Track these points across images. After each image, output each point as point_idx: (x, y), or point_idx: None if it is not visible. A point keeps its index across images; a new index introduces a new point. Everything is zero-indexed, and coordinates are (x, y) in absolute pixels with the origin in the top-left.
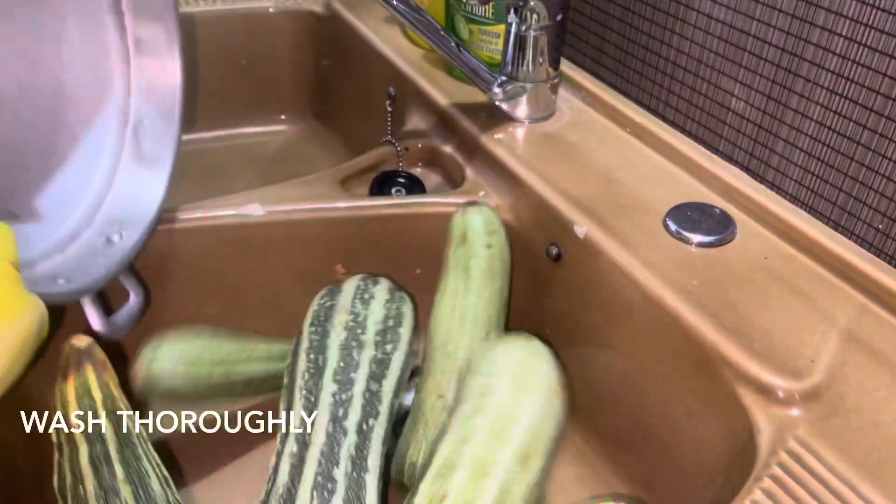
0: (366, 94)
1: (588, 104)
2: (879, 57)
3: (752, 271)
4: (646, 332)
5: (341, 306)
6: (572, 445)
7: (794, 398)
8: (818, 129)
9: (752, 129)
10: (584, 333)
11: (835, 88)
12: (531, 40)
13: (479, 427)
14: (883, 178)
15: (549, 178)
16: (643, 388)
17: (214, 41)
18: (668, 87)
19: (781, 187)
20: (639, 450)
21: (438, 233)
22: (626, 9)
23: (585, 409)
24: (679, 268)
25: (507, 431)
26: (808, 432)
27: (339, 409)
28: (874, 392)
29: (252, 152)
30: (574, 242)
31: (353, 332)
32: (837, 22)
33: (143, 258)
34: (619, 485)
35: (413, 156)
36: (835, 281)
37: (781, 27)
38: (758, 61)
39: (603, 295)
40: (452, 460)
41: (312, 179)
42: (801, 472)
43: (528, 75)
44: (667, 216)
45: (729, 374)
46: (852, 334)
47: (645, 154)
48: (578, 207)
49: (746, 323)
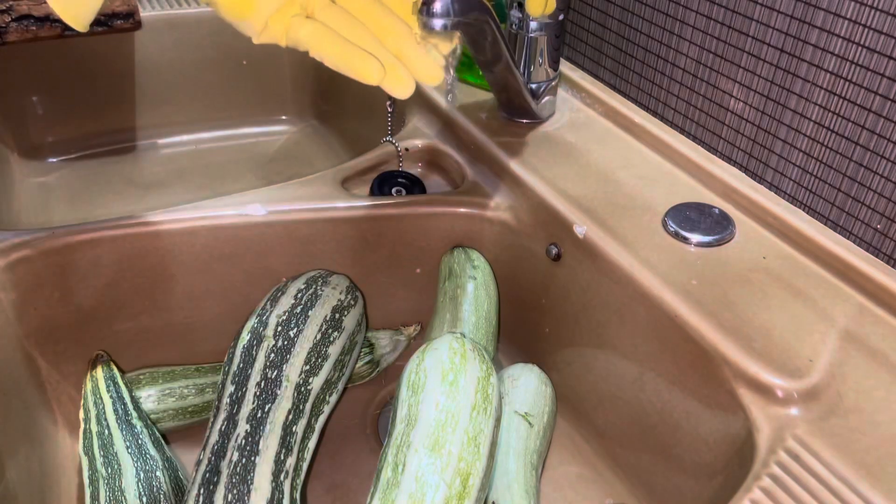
0: (366, 94)
1: (587, 104)
2: (877, 57)
3: (751, 271)
4: (645, 331)
5: (254, 314)
6: (572, 445)
7: (793, 397)
8: (816, 129)
9: (750, 130)
10: (583, 333)
11: (833, 89)
12: (527, 40)
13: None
14: (881, 178)
15: (549, 178)
16: (642, 388)
17: (215, 41)
18: (667, 87)
19: (780, 187)
20: (638, 449)
21: (438, 233)
22: (625, 9)
23: (585, 408)
24: (678, 267)
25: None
26: (807, 431)
27: (234, 406)
28: (873, 391)
29: (253, 152)
30: (574, 242)
31: (256, 333)
32: (836, 23)
33: (143, 258)
34: (618, 484)
35: (413, 156)
36: (833, 280)
37: (780, 28)
38: (756, 62)
39: (602, 295)
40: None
41: (313, 179)
42: (800, 471)
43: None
44: (666, 216)
45: (728, 373)
46: (851, 334)
47: (644, 154)
48: (578, 207)
49: (745, 322)
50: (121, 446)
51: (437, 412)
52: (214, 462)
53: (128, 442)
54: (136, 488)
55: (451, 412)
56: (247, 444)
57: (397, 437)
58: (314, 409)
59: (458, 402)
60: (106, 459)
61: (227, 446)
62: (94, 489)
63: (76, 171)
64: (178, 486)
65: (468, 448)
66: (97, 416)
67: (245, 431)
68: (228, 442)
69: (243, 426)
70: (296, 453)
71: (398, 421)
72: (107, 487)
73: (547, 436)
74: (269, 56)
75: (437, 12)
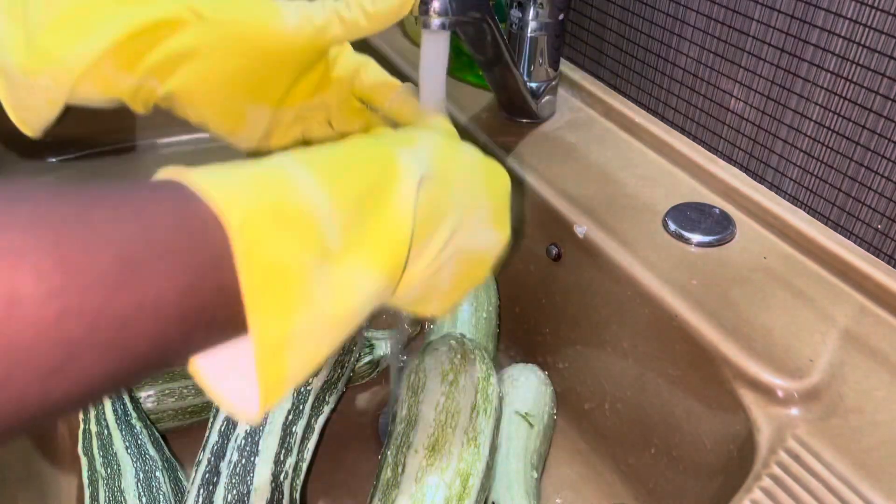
0: None
1: (587, 104)
2: (878, 57)
3: (752, 271)
4: (645, 331)
5: None
6: (572, 445)
7: (794, 398)
8: (817, 129)
9: (751, 130)
10: (583, 333)
11: (834, 88)
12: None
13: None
14: (882, 178)
15: (549, 178)
16: (643, 388)
17: None
18: (668, 87)
19: (780, 187)
20: (639, 449)
21: None
22: (625, 9)
23: (585, 409)
24: (678, 267)
25: None
26: (808, 432)
27: None
28: (873, 391)
29: (253, 152)
30: (574, 242)
31: None
32: (836, 22)
33: None
34: (619, 484)
35: None
36: (834, 281)
37: (780, 27)
38: (757, 61)
39: (603, 295)
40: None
41: None
42: (801, 471)
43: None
44: (666, 216)
45: (728, 373)
46: (851, 334)
47: (644, 154)
48: (578, 207)
49: (746, 322)
50: (120, 446)
51: (436, 413)
52: (214, 462)
53: (127, 442)
54: (136, 489)
55: (451, 412)
56: (246, 445)
57: (397, 437)
58: (314, 410)
59: (457, 403)
60: (105, 460)
61: (226, 446)
62: (93, 489)
63: (76, 171)
64: (178, 486)
65: (468, 448)
66: (96, 417)
67: (245, 432)
68: (228, 442)
69: (243, 426)
70: (295, 453)
71: (398, 421)
72: (106, 488)
73: (547, 436)
74: None
75: (436, 11)
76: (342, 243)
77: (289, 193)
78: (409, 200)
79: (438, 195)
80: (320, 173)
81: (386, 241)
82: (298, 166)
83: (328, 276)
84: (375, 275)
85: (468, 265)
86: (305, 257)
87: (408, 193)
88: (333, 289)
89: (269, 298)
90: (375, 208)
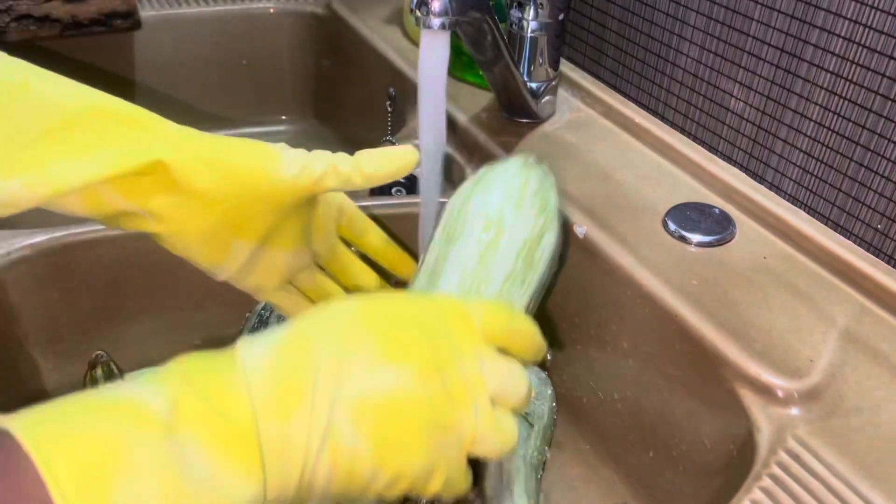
0: (366, 94)
1: (587, 104)
2: (878, 57)
3: (752, 271)
4: (645, 331)
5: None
6: (573, 445)
7: (794, 398)
8: (817, 129)
9: (751, 130)
10: (583, 333)
11: (833, 88)
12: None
13: None
14: (882, 178)
15: None
16: (643, 388)
17: (215, 41)
18: (668, 87)
19: (780, 187)
20: (639, 449)
21: None
22: (626, 9)
23: (586, 409)
24: (678, 268)
25: None
26: (808, 432)
27: None
28: (873, 392)
29: None
30: (574, 242)
31: (262, 319)
32: (836, 22)
33: (143, 258)
34: (619, 484)
35: None
36: (834, 281)
37: (780, 28)
38: (757, 62)
39: (602, 295)
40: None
41: None
42: (801, 471)
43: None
44: (666, 216)
45: (728, 373)
46: (851, 334)
47: (644, 154)
48: (578, 207)
49: (746, 323)
50: None
51: (489, 210)
52: None
53: None
54: None
55: (505, 209)
56: None
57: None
58: None
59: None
60: None
61: None
62: None
63: None
64: None
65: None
66: None
67: None
68: None
69: None
70: None
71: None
72: None
73: (547, 436)
74: (269, 56)
75: (436, 11)
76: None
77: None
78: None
79: (295, 358)
80: (165, 396)
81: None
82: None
83: None
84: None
85: (378, 418)
86: None
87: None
88: None
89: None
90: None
